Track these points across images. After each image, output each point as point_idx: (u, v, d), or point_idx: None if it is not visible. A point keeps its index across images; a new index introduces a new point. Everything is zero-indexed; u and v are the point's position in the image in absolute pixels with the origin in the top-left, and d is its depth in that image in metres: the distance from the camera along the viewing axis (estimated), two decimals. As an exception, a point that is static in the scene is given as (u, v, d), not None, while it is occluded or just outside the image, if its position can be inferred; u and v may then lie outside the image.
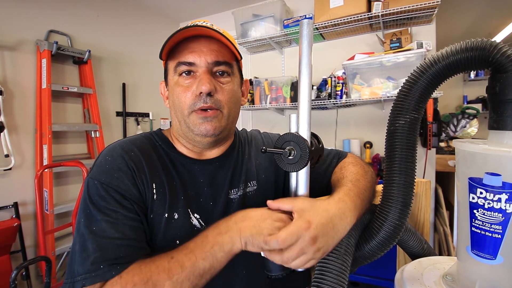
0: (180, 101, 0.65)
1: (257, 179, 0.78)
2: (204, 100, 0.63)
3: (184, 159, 0.71)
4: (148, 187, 0.62)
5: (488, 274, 0.49)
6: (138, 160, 0.63)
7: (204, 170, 0.72)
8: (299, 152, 0.49)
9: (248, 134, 0.87)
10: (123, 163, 0.61)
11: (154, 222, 0.63)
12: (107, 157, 0.62)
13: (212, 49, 0.64)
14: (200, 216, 0.68)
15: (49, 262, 1.57)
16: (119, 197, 0.58)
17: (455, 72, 0.49)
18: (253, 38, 2.65)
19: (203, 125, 0.65)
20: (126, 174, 0.60)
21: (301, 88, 0.49)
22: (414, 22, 2.27)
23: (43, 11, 2.30)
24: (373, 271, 2.05)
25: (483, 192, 0.46)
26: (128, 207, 0.58)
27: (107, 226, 0.54)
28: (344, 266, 0.53)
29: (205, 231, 0.54)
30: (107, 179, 0.59)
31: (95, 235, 0.54)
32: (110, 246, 0.53)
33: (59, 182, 2.41)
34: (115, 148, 0.64)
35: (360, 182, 0.64)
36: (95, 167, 0.62)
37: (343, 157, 0.82)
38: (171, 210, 0.64)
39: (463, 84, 4.49)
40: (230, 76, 0.68)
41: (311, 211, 0.51)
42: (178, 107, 0.66)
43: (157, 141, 0.71)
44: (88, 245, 0.53)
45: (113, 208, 0.56)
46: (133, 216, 0.58)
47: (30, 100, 2.23)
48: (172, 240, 0.64)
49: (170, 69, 0.67)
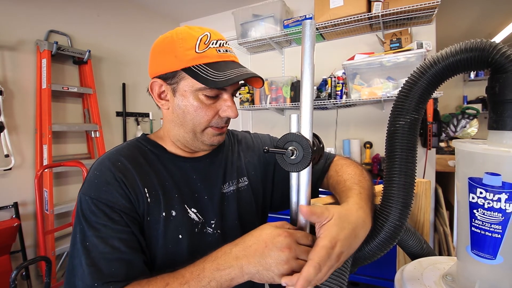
0: (198, 116, 0.65)
1: (247, 176, 0.82)
2: (226, 121, 0.68)
3: (175, 158, 0.73)
4: (141, 193, 0.64)
5: (488, 274, 0.49)
6: (126, 169, 0.64)
7: (196, 167, 0.74)
8: (301, 152, 0.49)
9: (238, 134, 0.91)
10: (111, 176, 0.62)
11: (153, 223, 0.64)
12: (96, 171, 0.64)
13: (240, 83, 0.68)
14: (197, 211, 0.69)
15: (49, 262, 1.57)
16: (109, 210, 0.60)
17: (455, 72, 0.50)
18: (253, 38, 2.65)
19: (216, 138, 0.69)
20: (114, 186, 0.62)
21: (303, 88, 0.49)
22: (414, 22, 2.27)
23: (43, 11, 2.30)
24: (373, 271, 2.05)
25: (483, 192, 0.46)
26: (117, 219, 0.59)
27: (98, 241, 0.57)
28: (344, 266, 0.53)
29: (202, 262, 0.52)
30: (96, 194, 0.60)
31: (88, 251, 0.56)
32: (102, 261, 0.55)
33: (59, 182, 2.41)
34: (103, 162, 0.65)
35: (363, 183, 0.65)
36: (86, 183, 0.64)
37: (331, 159, 0.82)
38: (167, 209, 0.65)
39: (463, 84, 4.50)
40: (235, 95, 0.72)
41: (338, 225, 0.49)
42: (192, 121, 0.66)
43: (145, 146, 0.72)
44: (83, 261, 0.55)
45: (102, 222, 0.58)
46: (122, 229, 0.59)
47: (30, 100, 2.23)
48: (175, 236, 0.65)
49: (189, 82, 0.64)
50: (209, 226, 0.70)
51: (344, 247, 0.48)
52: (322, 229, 0.49)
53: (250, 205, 0.79)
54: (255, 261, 0.48)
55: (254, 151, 0.87)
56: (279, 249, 0.47)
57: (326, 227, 0.49)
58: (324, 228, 0.49)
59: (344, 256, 0.49)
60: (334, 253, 0.47)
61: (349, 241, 0.49)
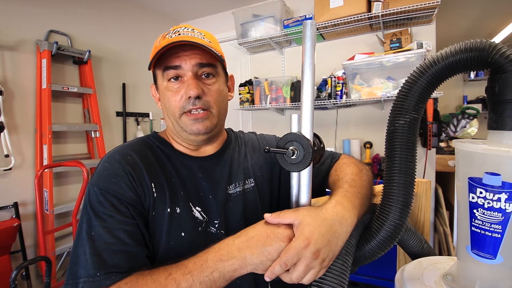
0: (171, 105, 0.69)
1: (254, 177, 0.82)
2: (193, 103, 0.67)
3: (182, 156, 0.74)
4: (148, 187, 0.65)
5: (488, 273, 0.49)
6: (134, 163, 0.66)
7: (202, 166, 0.75)
8: (302, 152, 0.49)
9: (245, 135, 0.92)
10: (120, 168, 0.64)
11: (157, 218, 0.65)
12: (105, 163, 0.66)
13: (196, 53, 0.68)
14: (202, 209, 0.70)
15: (49, 262, 1.57)
16: (116, 201, 0.61)
17: (455, 72, 0.50)
18: (253, 38, 2.65)
19: (194, 125, 0.69)
20: (122, 178, 0.63)
21: (304, 88, 0.49)
22: (414, 22, 2.27)
23: (43, 11, 2.30)
24: (373, 271, 2.05)
25: (483, 191, 0.46)
26: (123, 211, 0.60)
27: (103, 231, 0.57)
28: (344, 266, 0.53)
29: (205, 252, 0.53)
30: (105, 185, 0.62)
31: (93, 240, 0.57)
32: (106, 252, 0.56)
33: (59, 182, 2.41)
34: (113, 155, 0.67)
35: (356, 182, 0.66)
36: (95, 175, 0.65)
37: (337, 158, 0.83)
38: (172, 205, 0.66)
39: (463, 84, 4.50)
40: (215, 76, 0.72)
41: (311, 224, 0.50)
42: (170, 110, 0.70)
43: (154, 142, 0.75)
44: (87, 250, 0.56)
45: (109, 213, 0.59)
46: (128, 221, 0.60)
47: (30, 100, 2.23)
48: (177, 233, 0.66)
49: (159, 75, 0.72)
50: (212, 226, 0.71)
51: (320, 244, 0.49)
52: (296, 231, 0.51)
53: (255, 206, 0.79)
54: (258, 252, 0.50)
55: (261, 152, 0.88)
56: (280, 240, 0.50)
57: (299, 228, 0.50)
58: (297, 229, 0.51)
59: (324, 253, 0.49)
60: (308, 251, 0.48)
61: (326, 238, 0.50)
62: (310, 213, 0.52)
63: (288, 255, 0.48)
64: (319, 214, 0.52)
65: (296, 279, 0.49)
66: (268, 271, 0.49)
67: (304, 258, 0.48)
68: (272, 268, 0.49)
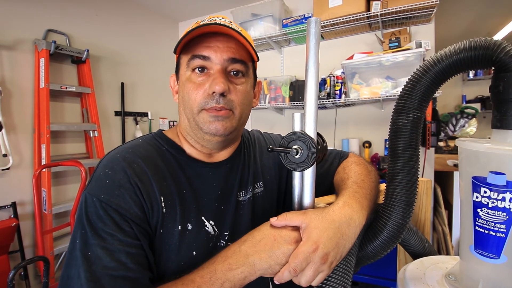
0: (190, 98, 0.61)
1: (263, 180, 0.77)
2: (216, 100, 0.59)
3: (194, 162, 0.67)
4: (157, 202, 0.58)
5: (491, 273, 0.49)
6: (142, 173, 0.58)
7: (216, 173, 0.68)
8: (306, 151, 0.49)
9: (250, 135, 0.85)
10: (125, 179, 0.56)
11: (166, 237, 0.59)
12: (107, 169, 0.57)
13: (230, 46, 0.61)
14: (215, 223, 0.65)
15: (47, 262, 1.56)
16: (119, 218, 0.53)
17: (458, 71, 0.49)
18: (252, 37, 2.64)
19: (213, 124, 0.61)
20: (127, 191, 0.55)
21: (308, 86, 0.49)
22: (413, 22, 2.27)
23: (41, 10, 2.29)
24: (373, 271, 2.05)
25: (487, 191, 0.46)
26: (127, 230, 0.53)
27: (103, 253, 0.49)
28: (347, 266, 0.53)
29: (212, 263, 0.50)
30: (106, 197, 0.53)
31: (89, 262, 0.49)
32: (105, 277, 0.48)
33: (57, 182, 2.39)
34: (116, 160, 0.58)
35: (365, 183, 0.63)
36: (94, 181, 0.56)
37: (345, 156, 0.81)
38: (184, 222, 0.60)
39: (462, 84, 4.52)
40: (244, 76, 0.65)
41: (318, 227, 0.49)
42: (188, 104, 0.62)
43: (163, 145, 0.67)
44: (82, 273, 0.48)
45: (110, 231, 0.51)
46: (131, 242, 0.52)
47: (28, 100, 2.21)
48: (188, 252, 0.60)
49: (183, 63, 0.64)
50: (222, 239, 0.66)
51: (329, 248, 0.48)
52: (303, 235, 0.49)
53: (264, 212, 0.75)
54: (266, 256, 0.48)
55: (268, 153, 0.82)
56: (288, 242, 0.49)
57: (306, 231, 0.49)
58: (304, 233, 0.49)
59: (332, 256, 0.49)
60: (316, 256, 0.47)
61: (334, 241, 0.49)
62: (317, 215, 0.50)
63: (297, 260, 0.47)
64: (326, 216, 0.50)
65: (305, 283, 0.48)
66: (277, 276, 0.48)
67: (313, 263, 0.47)
68: (281, 274, 0.48)
